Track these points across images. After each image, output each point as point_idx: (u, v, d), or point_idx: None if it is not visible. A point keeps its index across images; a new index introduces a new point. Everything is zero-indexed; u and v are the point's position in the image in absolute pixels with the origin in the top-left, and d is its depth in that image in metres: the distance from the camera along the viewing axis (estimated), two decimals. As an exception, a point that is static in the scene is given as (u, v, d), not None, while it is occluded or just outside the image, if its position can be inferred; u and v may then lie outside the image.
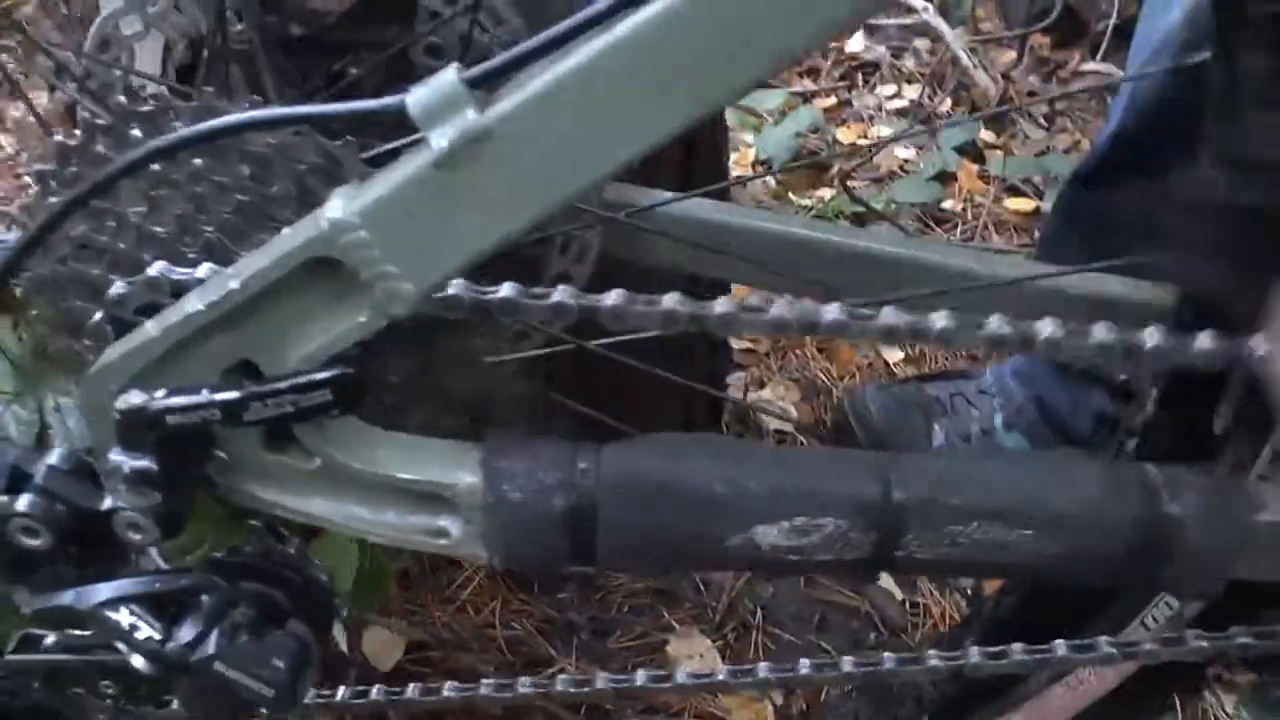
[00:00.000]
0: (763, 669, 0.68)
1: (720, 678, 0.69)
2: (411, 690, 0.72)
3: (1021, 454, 1.37)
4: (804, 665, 0.68)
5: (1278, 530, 0.59)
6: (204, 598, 0.61)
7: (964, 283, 0.74)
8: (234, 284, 0.50)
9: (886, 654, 0.67)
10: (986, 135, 2.29)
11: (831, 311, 0.54)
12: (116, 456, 0.53)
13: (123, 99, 0.55)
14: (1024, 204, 2.10)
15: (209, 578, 0.61)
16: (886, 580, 1.41)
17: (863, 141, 2.30)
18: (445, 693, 0.71)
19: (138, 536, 0.58)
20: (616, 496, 0.54)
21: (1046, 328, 0.54)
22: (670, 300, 0.53)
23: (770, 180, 2.08)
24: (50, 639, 0.66)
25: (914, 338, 0.55)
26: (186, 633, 0.60)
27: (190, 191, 0.55)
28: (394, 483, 0.55)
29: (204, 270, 0.53)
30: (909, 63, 2.47)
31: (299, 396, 0.51)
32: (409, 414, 0.63)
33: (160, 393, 0.52)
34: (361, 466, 0.55)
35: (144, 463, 0.53)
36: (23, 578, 0.60)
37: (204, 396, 0.51)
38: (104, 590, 0.59)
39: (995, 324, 0.54)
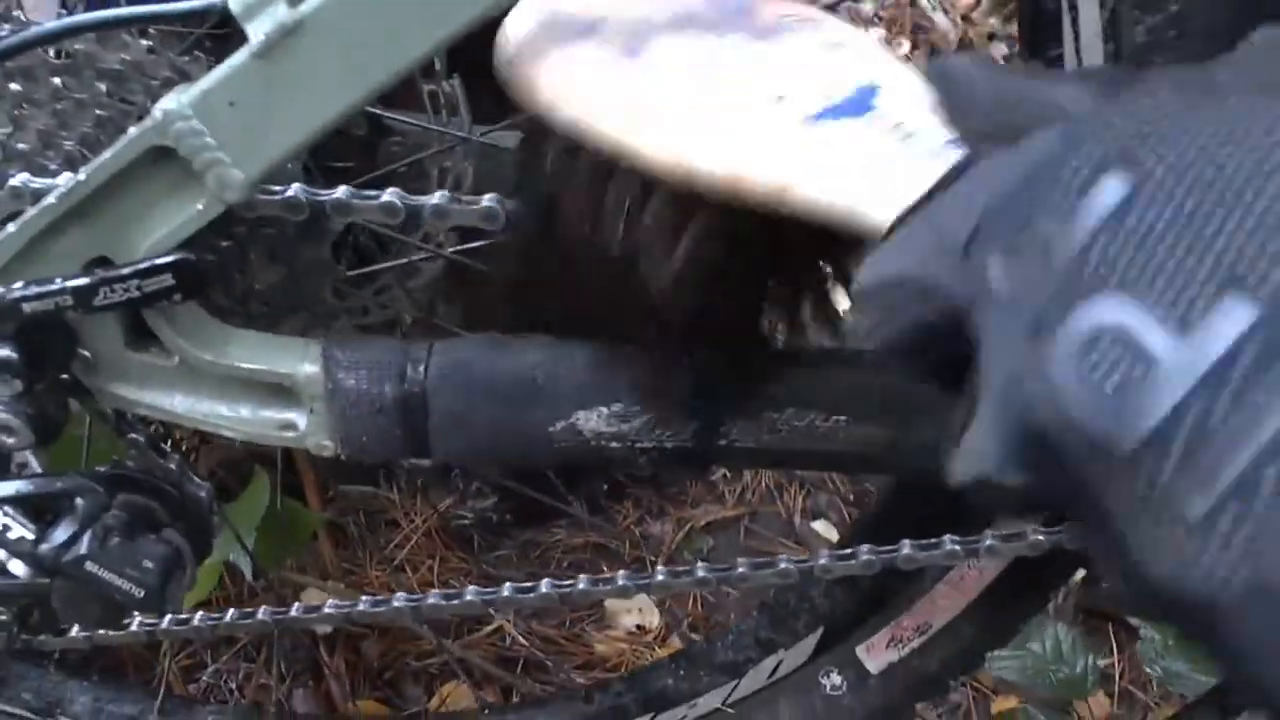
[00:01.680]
0: (661, 573, 0.71)
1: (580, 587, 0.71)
2: (296, 610, 0.75)
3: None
4: (700, 569, 0.71)
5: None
6: (79, 501, 0.64)
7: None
8: (81, 175, 0.54)
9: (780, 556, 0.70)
10: None
11: None
12: (-23, 347, 0.57)
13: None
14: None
15: (84, 482, 0.64)
16: (823, 524, 1.44)
17: None
18: (326, 609, 0.74)
19: (10, 440, 0.61)
20: (443, 385, 0.58)
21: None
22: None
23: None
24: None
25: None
26: (60, 534, 0.63)
27: (52, 109, 0.59)
28: (243, 374, 0.59)
29: (63, 179, 0.57)
30: (866, 6, 2.47)
31: (143, 281, 0.55)
32: (282, 323, 0.66)
33: (18, 284, 0.56)
34: (213, 359, 0.59)
35: (4, 350, 0.57)
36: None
37: (57, 284, 0.56)
38: (-22, 490, 0.63)
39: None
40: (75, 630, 0.77)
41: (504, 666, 1.26)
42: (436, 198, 0.56)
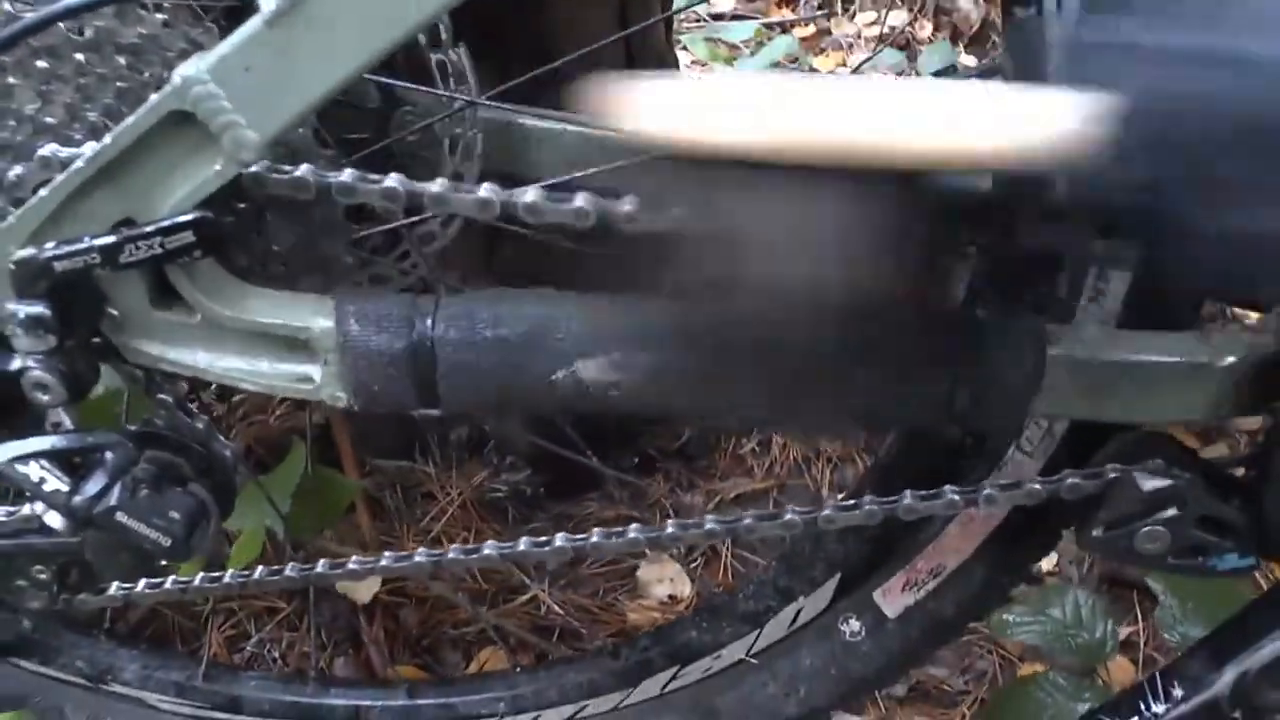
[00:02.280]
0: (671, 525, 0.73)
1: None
2: (321, 565, 0.78)
3: None
4: (709, 521, 0.72)
5: (1073, 365, 0.63)
6: (109, 455, 0.68)
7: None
8: (107, 140, 0.57)
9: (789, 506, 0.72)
10: (968, 60, 2.29)
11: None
12: (12, 305, 0.60)
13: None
14: None
15: (114, 437, 0.67)
16: None
17: (841, 70, 2.31)
18: (351, 565, 0.77)
19: (45, 396, 0.65)
20: (450, 337, 0.60)
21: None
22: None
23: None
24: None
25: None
26: (92, 486, 0.66)
27: (76, 83, 0.62)
28: (260, 329, 0.62)
29: (89, 148, 0.60)
30: (891, -11, 2.46)
31: (165, 238, 0.58)
32: (299, 284, 0.69)
33: (49, 244, 0.59)
34: (233, 314, 0.62)
35: (38, 308, 0.60)
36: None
37: (85, 243, 0.59)
38: (14, 446, 0.66)
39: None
40: (113, 589, 0.80)
41: (539, 634, 1.29)
42: (437, 185, 0.59)
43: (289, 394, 0.64)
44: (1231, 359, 0.63)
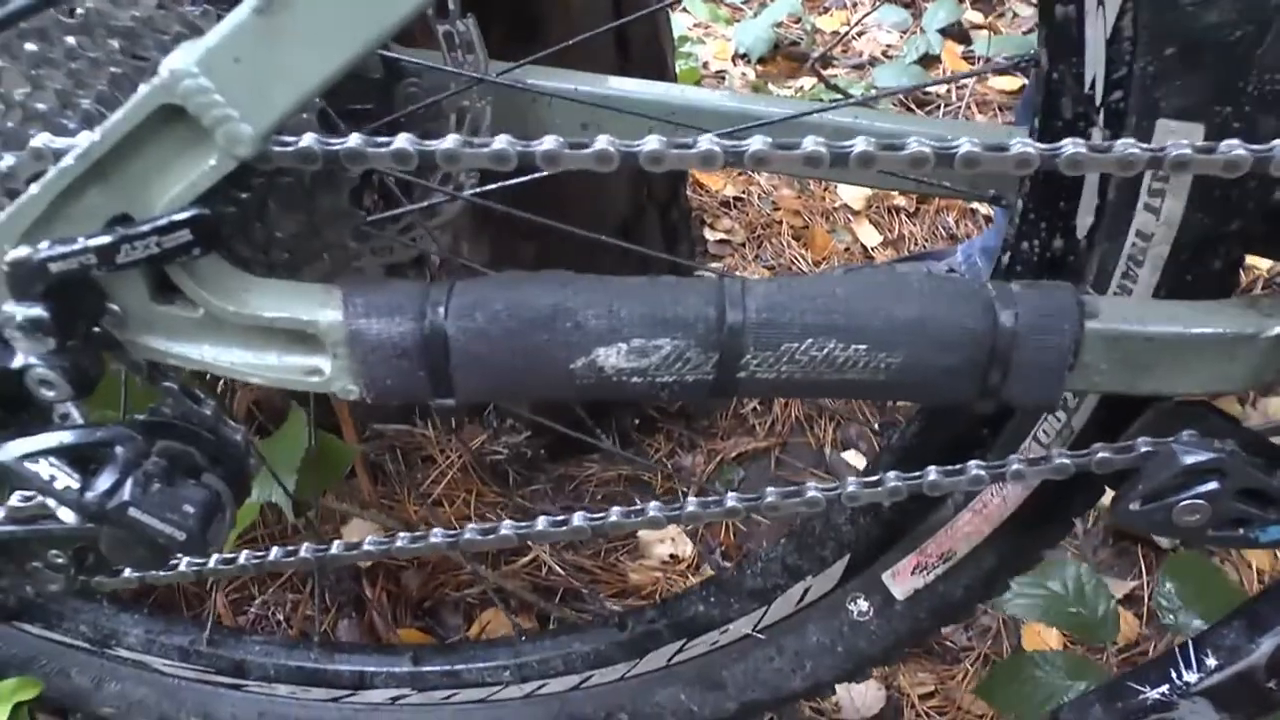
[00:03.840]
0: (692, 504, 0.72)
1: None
2: (336, 547, 0.77)
3: (859, 271, 1.38)
4: (730, 499, 0.71)
5: (1111, 339, 0.61)
6: (119, 449, 0.66)
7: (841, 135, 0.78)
8: (96, 136, 0.55)
9: (810, 483, 0.71)
10: (973, 15, 2.27)
11: (755, 143, 0.55)
12: (9, 307, 0.59)
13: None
14: (1010, 82, 2.07)
15: (123, 430, 0.66)
16: (853, 454, 1.45)
17: (843, 29, 2.30)
18: (366, 547, 0.76)
19: (50, 393, 0.63)
20: (463, 327, 0.58)
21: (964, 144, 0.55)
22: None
23: (749, 72, 2.08)
24: (-1, 513, 0.72)
25: (835, 163, 0.56)
26: (103, 482, 0.65)
27: (68, 69, 0.60)
28: (266, 323, 0.60)
29: (82, 138, 0.58)
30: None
31: (162, 237, 0.56)
32: (303, 271, 0.67)
33: (44, 244, 0.57)
34: (236, 309, 0.60)
35: (35, 311, 0.59)
36: (-53, 438, 0.65)
37: (80, 243, 0.57)
38: (22, 444, 0.65)
39: (914, 144, 0.55)
40: (129, 572, 0.80)
41: (541, 595, 1.29)
42: (449, 141, 0.56)
43: (297, 387, 0.62)
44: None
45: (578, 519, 0.72)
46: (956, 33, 2.22)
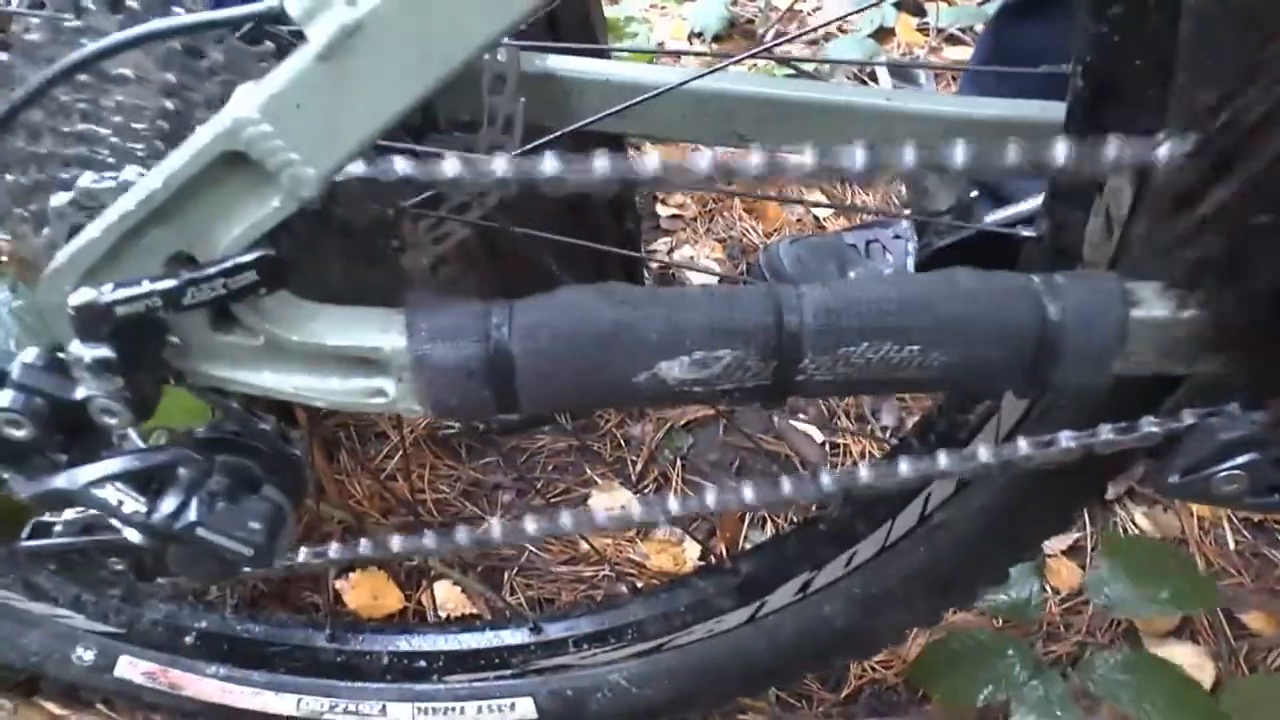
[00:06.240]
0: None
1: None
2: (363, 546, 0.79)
3: (906, 274, 1.39)
4: (709, 494, 0.71)
5: (1153, 325, 0.63)
6: (181, 470, 0.67)
7: (873, 120, 0.78)
8: (157, 183, 0.55)
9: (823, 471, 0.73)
10: None
11: (754, 159, 0.55)
12: (77, 349, 0.59)
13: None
14: (964, 53, 2.08)
15: (184, 452, 0.67)
16: (802, 421, 1.47)
17: (800, 7, 2.29)
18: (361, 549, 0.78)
19: (113, 420, 0.64)
20: (528, 345, 0.59)
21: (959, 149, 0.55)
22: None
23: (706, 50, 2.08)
24: (58, 525, 0.73)
25: (831, 174, 0.56)
26: (169, 504, 0.67)
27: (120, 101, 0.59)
28: (330, 351, 0.61)
29: (143, 182, 0.57)
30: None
31: (228, 279, 0.57)
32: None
33: (108, 287, 0.58)
34: (299, 339, 0.61)
35: (102, 351, 0.59)
36: (16, 466, 0.66)
37: (145, 287, 0.57)
38: (89, 471, 0.66)
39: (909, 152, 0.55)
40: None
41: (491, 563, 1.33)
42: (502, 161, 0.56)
43: (363, 409, 0.63)
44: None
45: (565, 518, 0.74)
46: (911, 5, 2.22)
